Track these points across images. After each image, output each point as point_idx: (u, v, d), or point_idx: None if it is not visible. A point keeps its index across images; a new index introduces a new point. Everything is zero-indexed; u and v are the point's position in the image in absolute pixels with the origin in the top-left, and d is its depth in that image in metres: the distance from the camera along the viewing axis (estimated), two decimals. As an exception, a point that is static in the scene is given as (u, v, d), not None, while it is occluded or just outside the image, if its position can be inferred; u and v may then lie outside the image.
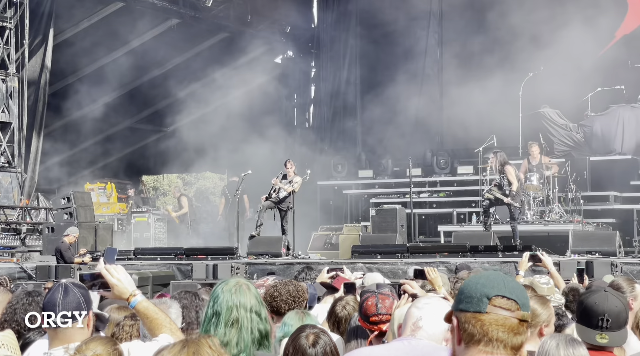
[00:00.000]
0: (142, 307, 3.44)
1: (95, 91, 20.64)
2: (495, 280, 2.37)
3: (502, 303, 2.34)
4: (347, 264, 12.53)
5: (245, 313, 3.16)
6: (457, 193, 19.63)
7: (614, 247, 13.31)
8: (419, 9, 22.44)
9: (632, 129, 18.32)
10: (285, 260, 14.51)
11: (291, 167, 15.98)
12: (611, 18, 20.16)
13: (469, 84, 20.07)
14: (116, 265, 3.49)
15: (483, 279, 2.39)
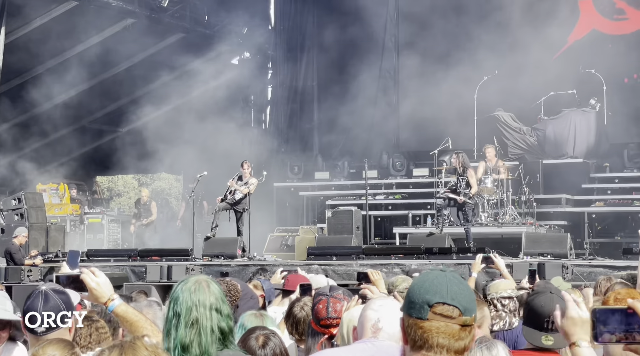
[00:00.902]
0: (121, 311, 3.41)
1: (49, 91, 20.38)
2: (439, 285, 2.38)
3: (443, 310, 2.36)
4: (303, 266, 12.55)
5: (204, 312, 3.07)
6: (412, 195, 19.75)
7: (565, 249, 13.51)
8: (376, 14, 22.55)
9: (583, 133, 18.60)
10: (241, 261, 14.49)
11: (247, 169, 15.96)
12: (564, 23, 20.46)
13: (425, 86, 20.21)
14: (95, 268, 3.46)
15: (427, 283, 2.40)
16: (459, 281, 2.42)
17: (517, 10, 19.49)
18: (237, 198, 15.83)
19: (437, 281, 2.39)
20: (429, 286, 2.38)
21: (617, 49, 19.71)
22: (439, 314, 2.35)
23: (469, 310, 2.38)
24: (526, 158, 18.77)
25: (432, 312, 2.35)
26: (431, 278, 2.41)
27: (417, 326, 2.36)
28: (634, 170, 18.43)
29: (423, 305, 2.36)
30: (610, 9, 20.48)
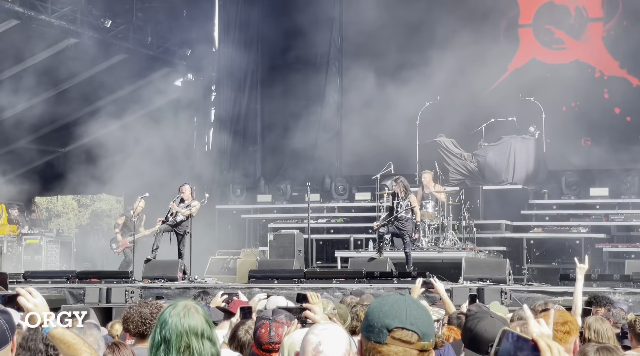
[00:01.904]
0: (58, 333, 3.33)
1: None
2: (398, 309, 2.38)
3: (402, 336, 2.35)
4: (244, 289, 12.48)
5: (197, 340, 3.03)
6: (354, 219, 19.83)
7: (504, 274, 13.66)
8: (321, 40, 22.71)
9: (522, 160, 18.90)
10: (182, 284, 14.34)
11: (188, 191, 15.86)
12: (504, 51, 20.87)
13: (368, 111, 20.38)
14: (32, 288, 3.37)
15: (386, 307, 2.38)
16: (418, 306, 2.42)
17: (459, 37, 19.80)
18: (179, 220, 15.71)
19: (397, 306, 2.38)
20: (388, 310, 2.37)
21: (556, 78, 20.14)
22: (398, 339, 2.34)
23: (427, 335, 2.38)
24: (467, 184, 18.99)
25: (391, 337, 2.34)
26: (390, 302, 2.39)
27: (376, 350, 2.35)
28: (572, 197, 18.78)
29: (382, 329, 2.35)
30: (550, 39, 20.94)
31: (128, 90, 21.86)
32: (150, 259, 15.43)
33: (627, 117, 19.55)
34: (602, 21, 20.53)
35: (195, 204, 15.82)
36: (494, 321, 3.73)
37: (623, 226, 17.76)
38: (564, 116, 19.90)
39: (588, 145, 19.91)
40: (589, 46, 20.51)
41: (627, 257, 16.48)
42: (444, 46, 19.82)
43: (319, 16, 22.53)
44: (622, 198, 18.30)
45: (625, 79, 19.97)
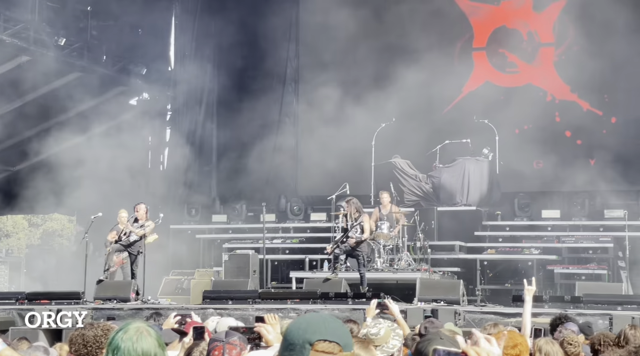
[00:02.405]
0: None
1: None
2: (316, 324, 2.41)
3: (324, 347, 2.38)
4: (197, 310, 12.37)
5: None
6: (309, 240, 19.81)
7: (458, 295, 13.76)
8: (277, 60, 22.79)
9: (476, 181, 19.08)
10: (134, 305, 14.18)
11: (143, 210, 15.73)
12: (459, 74, 21.12)
13: (324, 132, 20.43)
14: None
15: (304, 324, 2.42)
16: (335, 319, 2.47)
17: (415, 59, 19.99)
18: (132, 240, 15.56)
19: (314, 321, 2.42)
20: (307, 326, 2.40)
21: (509, 101, 20.42)
22: (321, 351, 2.37)
23: (348, 345, 2.42)
24: (421, 205, 19.11)
25: (314, 350, 2.37)
26: (307, 319, 2.44)
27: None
28: (524, 219, 19.00)
29: (304, 344, 2.37)
30: (503, 62, 21.25)
31: (82, 108, 21.63)
32: (103, 280, 15.24)
33: (578, 140, 19.89)
34: (553, 46, 20.90)
35: (149, 224, 15.71)
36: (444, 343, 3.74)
37: (574, 248, 18.00)
38: (517, 138, 20.15)
39: (540, 167, 20.19)
40: (541, 70, 20.85)
41: (577, 279, 16.69)
42: (399, 68, 19.98)
43: (277, 36, 22.61)
44: (573, 220, 18.56)
45: (575, 103, 20.33)
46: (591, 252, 17.75)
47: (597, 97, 20.11)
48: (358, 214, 15.08)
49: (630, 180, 18.45)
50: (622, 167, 18.64)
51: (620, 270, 17.11)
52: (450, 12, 21.60)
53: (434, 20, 21.54)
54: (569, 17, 20.41)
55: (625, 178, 18.51)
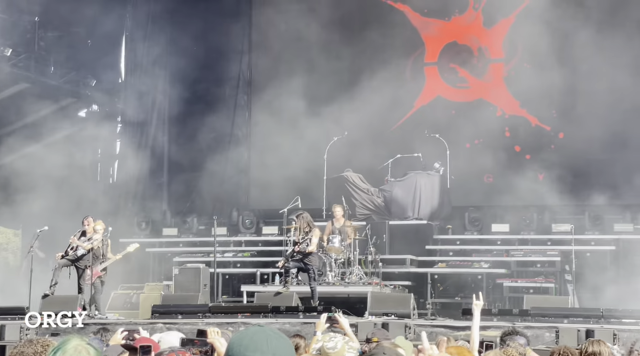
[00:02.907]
0: None
1: None
2: (259, 341, 2.36)
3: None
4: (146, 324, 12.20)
5: None
6: (261, 254, 19.72)
7: (408, 309, 13.80)
8: (229, 72, 22.73)
9: (428, 195, 19.19)
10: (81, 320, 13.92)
11: (90, 224, 15.50)
12: (411, 88, 21.27)
13: (276, 145, 20.43)
14: None
15: (246, 340, 2.38)
16: (279, 336, 2.41)
17: (367, 73, 20.09)
18: (79, 255, 15.32)
19: (257, 337, 2.37)
20: (249, 343, 2.36)
21: (460, 115, 20.62)
22: None
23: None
24: (373, 219, 19.14)
25: None
26: (250, 335, 2.39)
27: None
28: (474, 233, 19.15)
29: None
30: (454, 77, 21.46)
31: (30, 120, 21.29)
32: (48, 294, 14.96)
33: (527, 155, 20.14)
34: (503, 61, 21.18)
35: (97, 238, 15.48)
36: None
37: (522, 261, 18.19)
38: (468, 153, 20.34)
39: (490, 182, 20.40)
40: (491, 85, 21.10)
41: (525, 292, 16.85)
42: (352, 81, 20.08)
43: (230, 49, 22.57)
44: (521, 234, 18.76)
45: (525, 118, 20.60)
46: (539, 265, 17.96)
47: (545, 112, 20.40)
48: (309, 228, 15.06)
49: (577, 194, 18.73)
50: (569, 182, 18.93)
51: (567, 284, 17.33)
52: (402, 28, 21.78)
53: (387, 35, 21.70)
54: (518, 34, 20.69)
55: (573, 193, 18.79)
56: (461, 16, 21.49)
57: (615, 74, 18.85)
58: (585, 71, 19.41)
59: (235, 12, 22.85)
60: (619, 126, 18.82)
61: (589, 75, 19.37)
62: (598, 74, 19.45)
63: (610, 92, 19.28)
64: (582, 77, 19.29)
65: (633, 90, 18.39)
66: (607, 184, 18.52)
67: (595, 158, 19.71)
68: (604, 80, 19.37)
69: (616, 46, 19.24)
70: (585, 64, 19.47)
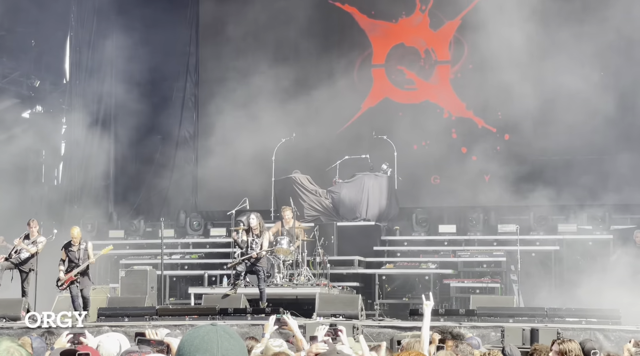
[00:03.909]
0: None
1: None
2: (209, 342, 2.34)
3: None
4: (92, 328, 12.06)
5: None
6: (209, 255, 19.62)
7: (356, 310, 13.85)
8: (175, 72, 22.56)
9: (375, 197, 19.27)
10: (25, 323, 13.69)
11: (34, 227, 15.25)
12: (358, 90, 21.36)
13: (224, 146, 20.32)
14: None
15: (197, 340, 2.35)
16: (230, 337, 2.38)
17: (315, 74, 20.12)
18: (23, 258, 15.07)
19: (208, 338, 2.34)
20: (199, 344, 2.33)
21: (408, 117, 20.76)
22: None
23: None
24: (321, 220, 19.17)
25: None
26: (202, 335, 2.36)
27: None
28: (422, 234, 19.29)
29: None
30: (401, 79, 21.60)
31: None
32: (-8, 298, 14.70)
33: (473, 157, 20.35)
34: (449, 64, 21.38)
35: (42, 240, 15.26)
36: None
37: (469, 262, 18.39)
38: (415, 154, 20.49)
39: (437, 183, 20.58)
40: (438, 87, 21.29)
41: (472, 292, 17.04)
42: (299, 83, 20.09)
43: (176, 49, 22.41)
44: (468, 234, 18.97)
45: (471, 120, 20.82)
46: (485, 265, 18.18)
47: (491, 114, 20.65)
48: (260, 230, 15.01)
49: (523, 195, 18.99)
50: (515, 183, 19.18)
51: (513, 284, 17.57)
52: (350, 29, 21.86)
53: (334, 37, 21.77)
54: (463, 36, 20.93)
55: (518, 193, 19.04)
56: (408, 18, 21.64)
57: (561, 74, 19.15)
58: (531, 73, 19.70)
59: (182, 6, 22.65)
60: (564, 127, 19.13)
61: (534, 77, 19.66)
62: (543, 75, 19.76)
63: (556, 93, 19.59)
64: (527, 78, 19.56)
65: (578, 90, 18.72)
66: (551, 185, 18.83)
67: (540, 159, 20.03)
68: (549, 82, 19.68)
69: (562, 47, 19.57)
70: (531, 66, 19.77)
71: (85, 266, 14.95)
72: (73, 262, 14.91)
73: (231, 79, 21.48)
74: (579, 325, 12.53)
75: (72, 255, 14.85)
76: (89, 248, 15.05)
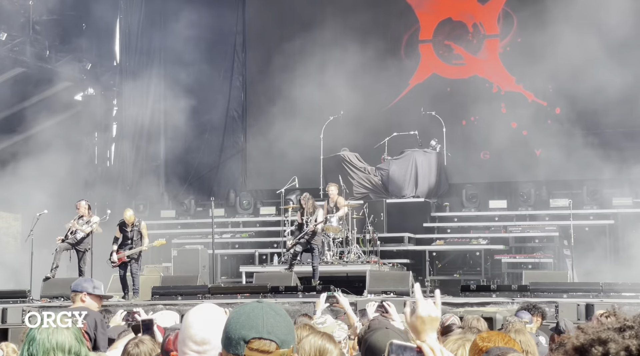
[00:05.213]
0: None
1: None
2: (255, 319, 2.36)
3: (259, 346, 2.34)
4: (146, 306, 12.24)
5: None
6: (259, 234, 19.76)
7: (407, 286, 13.84)
8: (223, 52, 22.64)
9: (424, 173, 19.20)
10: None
11: (84, 207, 15.52)
12: (406, 66, 21.21)
13: (272, 125, 20.39)
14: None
15: (243, 318, 2.37)
16: (276, 313, 2.39)
17: (362, 52, 20.01)
18: (79, 238, 15.35)
19: (253, 315, 2.37)
20: (245, 321, 2.35)
21: (456, 92, 20.59)
22: (256, 349, 2.33)
23: (287, 342, 2.37)
24: (371, 198, 19.17)
25: (248, 348, 2.33)
26: (247, 312, 2.38)
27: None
28: (472, 210, 19.19)
29: (239, 341, 2.33)
30: (449, 54, 21.40)
31: (26, 104, 21.24)
32: (49, 277, 15.02)
33: (524, 131, 20.11)
34: (498, 37, 21.11)
35: (96, 220, 15.53)
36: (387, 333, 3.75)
37: (520, 237, 18.23)
38: (464, 130, 20.34)
39: (487, 159, 20.40)
40: (486, 62, 21.04)
41: (524, 268, 16.92)
42: (346, 61, 20.00)
43: (224, 30, 22.45)
44: (519, 210, 18.81)
45: (521, 94, 20.55)
46: (537, 241, 18.01)
47: (541, 87, 20.35)
48: (313, 209, 15.04)
49: (575, 169, 18.74)
50: (566, 157, 18.91)
51: (566, 259, 17.37)
52: (396, 5, 21.69)
53: (381, 13, 21.62)
54: (512, 9, 20.63)
55: (570, 167, 18.79)
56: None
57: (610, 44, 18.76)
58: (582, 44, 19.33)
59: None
60: (616, 100, 18.77)
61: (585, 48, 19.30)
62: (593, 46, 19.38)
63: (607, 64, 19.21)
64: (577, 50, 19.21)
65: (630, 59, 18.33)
66: (604, 158, 18.51)
67: (592, 131, 19.70)
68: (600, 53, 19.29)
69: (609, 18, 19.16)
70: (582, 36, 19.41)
71: (137, 251, 15.18)
72: (126, 241, 15.18)
73: (279, 60, 21.49)
74: (635, 299, 12.36)
75: (125, 235, 15.15)
76: (142, 228, 15.31)
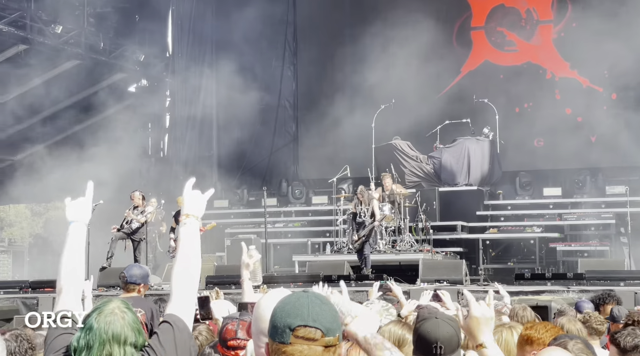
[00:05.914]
0: None
1: None
2: (300, 307, 2.38)
3: (305, 333, 2.35)
4: (201, 295, 12.36)
5: (118, 348, 2.85)
6: (311, 223, 19.82)
7: (460, 275, 13.75)
8: (274, 42, 22.71)
9: (477, 161, 19.05)
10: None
11: (138, 197, 15.75)
12: (458, 54, 21.04)
13: (323, 114, 20.41)
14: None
15: (288, 306, 2.39)
16: (321, 302, 2.40)
17: (413, 40, 19.89)
18: (134, 228, 15.59)
19: (299, 304, 2.38)
20: (290, 310, 2.37)
21: (509, 79, 20.36)
22: (301, 337, 2.34)
23: (332, 330, 2.38)
24: (423, 186, 19.08)
25: (294, 336, 2.34)
26: (293, 301, 2.40)
27: (280, 351, 2.36)
28: (526, 198, 18.99)
29: (285, 329, 2.35)
30: (502, 41, 21.17)
31: (80, 96, 21.59)
32: (106, 267, 15.27)
33: (578, 118, 19.82)
34: (552, 23, 20.81)
35: (150, 210, 15.75)
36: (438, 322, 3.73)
37: (575, 225, 18.00)
38: (517, 117, 20.11)
39: (541, 146, 20.15)
40: (540, 48, 20.76)
41: (580, 256, 16.70)
42: (398, 50, 19.91)
43: (275, 19, 22.50)
44: (574, 197, 18.56)
45: (575, 80, 20.24)
46: (593, 228, 17.76)
47: (597, 73, 20.01)
48: (368, 201, 15.03)
49: (631, 156, 18.41)
50: (622, 143, 18.59)
51: (622, 246, 17.08)
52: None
53: (433, 1, 21.45)
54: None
55: (626, 154, 18.48)
56: (508, -22, 21.15)
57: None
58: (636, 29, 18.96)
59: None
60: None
61: None
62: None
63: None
64: (634, 35, 18.85)
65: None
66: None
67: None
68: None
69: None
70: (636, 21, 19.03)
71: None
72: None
73: (330, 47, 21.48)
74: (694, 288, 12.12)
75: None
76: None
